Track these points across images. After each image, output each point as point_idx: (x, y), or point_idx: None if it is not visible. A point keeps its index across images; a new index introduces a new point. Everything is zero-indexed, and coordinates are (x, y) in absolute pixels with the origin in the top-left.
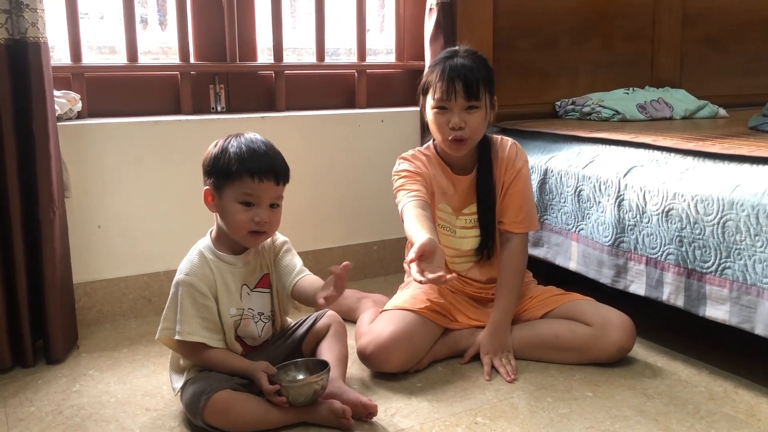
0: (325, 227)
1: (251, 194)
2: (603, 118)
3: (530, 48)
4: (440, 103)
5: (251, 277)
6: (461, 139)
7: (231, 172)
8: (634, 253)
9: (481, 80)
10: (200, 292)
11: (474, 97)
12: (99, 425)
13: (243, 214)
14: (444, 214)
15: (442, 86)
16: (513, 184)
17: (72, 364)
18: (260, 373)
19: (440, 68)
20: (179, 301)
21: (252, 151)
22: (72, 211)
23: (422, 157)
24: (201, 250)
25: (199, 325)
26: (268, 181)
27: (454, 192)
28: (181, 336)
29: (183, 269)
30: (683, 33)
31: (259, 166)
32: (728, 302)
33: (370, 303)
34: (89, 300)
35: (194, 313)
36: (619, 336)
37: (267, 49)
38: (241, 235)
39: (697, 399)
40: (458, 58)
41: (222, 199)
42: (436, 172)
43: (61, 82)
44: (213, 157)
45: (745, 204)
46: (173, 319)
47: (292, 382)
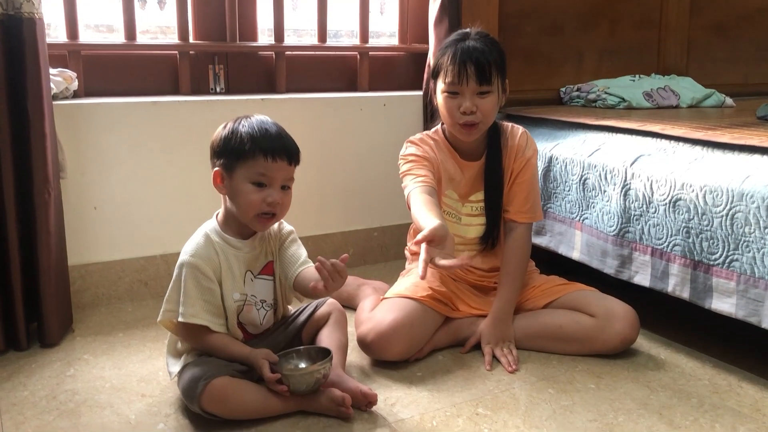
0: (325, 212)
1: (264, 174)
2: (608, 106)
3: (536, 33)
4: (451, 87)
5: (255, 264)
6: (472, 123)
7: (244, 152)
8: (640, 243)
9: (494, 64)
10: (204, 274)
11: (486, 81)
12: (93, 411)
13: (255, 194)
14: (450, 201)
15: (454, 70)
16: (521, 173)
17: (66, 347)
18: (262, 361)
19: (452, 51)
20: (183, 283)
21: (264, 130)
22: (67, 193)
23: (430, 142)
24: (207, 233)
25: (202, 308)
26: (281, 161)
27: (462, 178)
28: (184, 318)
29: (188, 251)
30: (690, 20)
31: (273, 145)
32: (735, 295)
33: (370, 290)
34: (84, 283)
35: (198, 295)
36: (622, 327)
37: (268, 29)
38: (250, 217)
39: (701, 392)
40: (470, 40)
41: (233, 179)
42: (444, 158)
43: (57, 60)
44: (223, 138)
45: (755, 195)
46: (176, 300)
47: (293, 371)
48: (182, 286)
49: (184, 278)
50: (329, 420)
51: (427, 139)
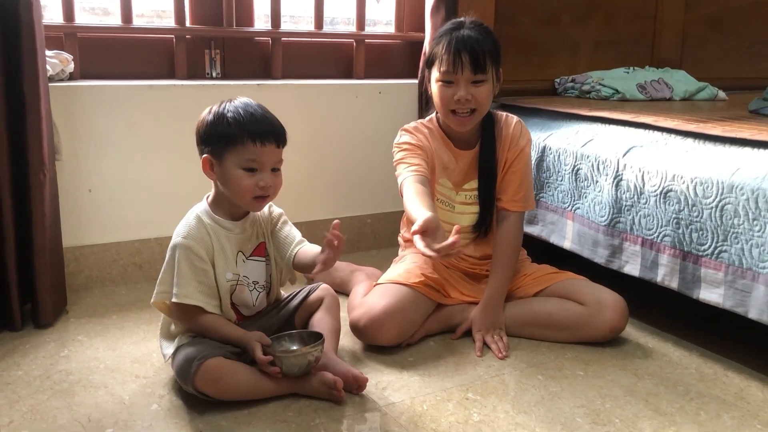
0: (318, 199)
1: (254, 159)
2: (602, 97)
3: (532, 23)
4: (446, 76)
5: (247, 245)
6: (467, 113)
7: (232, 138)
8: (630, 233)
9: (488, 53)
10: (198, 255)
11: (481, 70)
12: (88, 391)
13: (247, 179)
14: (444, 189)
15: (449, 58)
16: (515, 162)
17: (60, 329)
18: (254, 343)
19: (446, 40)
20: (176, 264)
21: (250, 115)
22: (62, 175)
23: (425, 130)
24: (198, 214)
25: (195, 288)
26: (270, 145)
27: (456, 166)
28: (178, 299)
29: (180, 233)
30: (685, 13)
31: (260, 129)
32: (723, 285)
33: (363, 276)
34: (78, 265)
35: (191, 276)
36: (611, 316)
37: (264, 15)
38: (246, 201)
39: (687, 380)
40: (465, 29)
41: (223, 166)
42: (438, 146)
43: (53, 42)
44: (209, 124)
45: (744, 188)
46: (170, 282)
47: (285, 353)
48: (176, 267)
49: (177, 260)
50: (321, 402)
51: (422, 127)
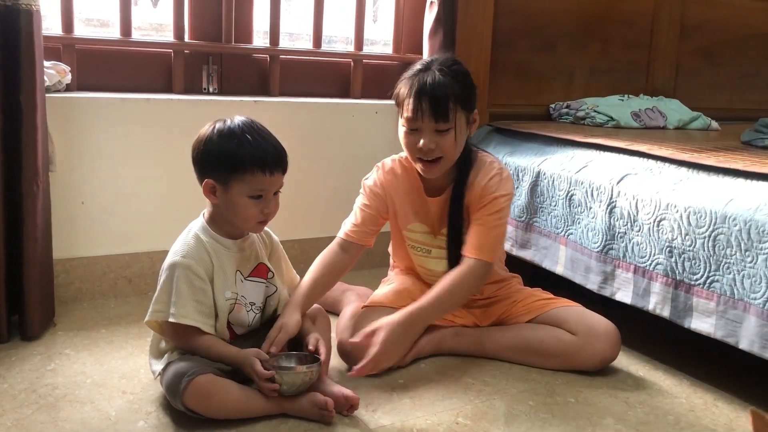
0: (312, 217)
1: (263, 188)
2: (597, 124)
3: (528, 49)
4: (410, 123)
5: (246, 265)
6: (433, 160)
7: (241, 168)
8: (623, 260)
9: (453, 98)
10: (197, 275)
11: (443, 118)
12: (73, 406)
13: (254, 207)
14: (418, 235)
15: (410, 105)
16: (483, 211)
17: (48, 341)
18: (253, 359)
19: (410, 83)
20: (175, 284)
21: (261, 145)
22: (55, 186)
23: (398, 171)
24: (197, 233)
25: (194, 308)
26: (278, 174)
27: (427, 213)
28: (176, 318)
29: (179, 251)
30: (680, 44)
31: (270, 159)
32: (714, 315)
33: (354, 296)
34: (68, 277)
35: (190, 296)
36: (602, 347)
37: (263, 32)
38: (249, 226)
39: (677, 410)
40: (432, 71)
41: (228, 193)
42: (405, 192)
43: (51, 53)
44: (213, 149)
45: (737, 218)
46: (166, 301)
47: (285, 369)
48: (174, 286)
49: (176, 279)
50: (310, 424)
51: (397, 167)
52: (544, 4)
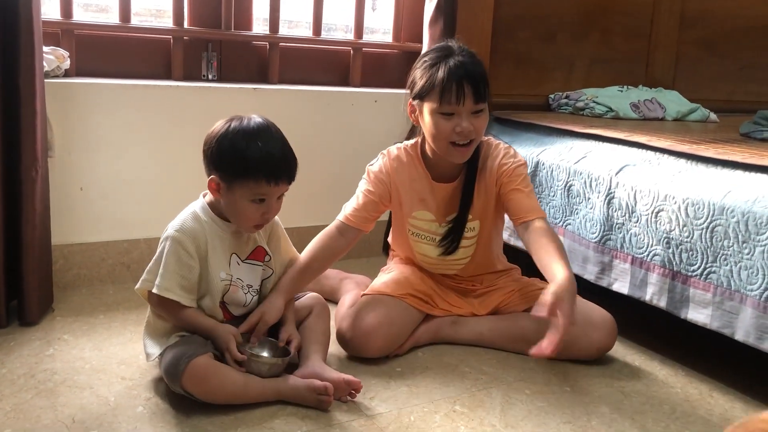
0: (311, 205)
1: (265, 195)
2: (596, 114)
3: (529, 38)
4: (447, 108)
5: (243, 248)
6: (466, 144)
7: (247, 174)
8: (620, 251)
9: (485, 79)
10: (186, 250)
11: (482, 99)
12: (72, 391)
13: (254, 211)
14: (422, 222)
15: (450, 90)
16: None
17: (46, 327)
18: (230, 336)
19: (443, 69)
20: (165, 256)
21: (270, 153)
22: (54, 172)
23: (404, 159)
24: (196, 211)
25: (177, 282)
26: (283, 183)
27: (433, 199)
28: (158, 290)
29: (174, 225)
30: (680, 34)
31: (278, 170)
32: (711, 306)
33: (352, 284)
34: (67, 263)
35: (176, 269)
36: (599, 337)
37: (263, 19)
38: (246, 227)
39: (673, 400)
40: (458, 56)
41: (231, 193)
42: (413, 178)
43: (49, 38)
44: (225, 150)
45: (735, 210)
46: (156, 272)
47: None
48: (163, 258)
49: (166, 251)
50: (308, 411)
51: (402, 155)
52: None
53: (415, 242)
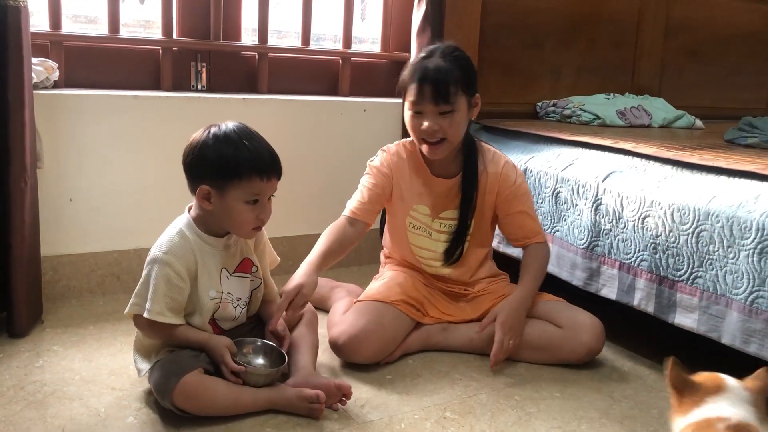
0: (301, 214)
1: (259, 193)
2: (583, 122)
3: (515, 47)
4: (414, 107)
5: (231, 262)
6: (437, 142)
7: (239, 173)
8: (608, 257)
9: (455, 82)
10: (177, 273)
11: (444, 101)
12: (62, 403)
13: (250, 212)
14: (420, 215)
15: (414, 89)
16: (518, 202)
17: (35, 338)
18: (224, 349)
19: (413, 69)
20: (153, 279)
21: (257, 151)
22: (43, 183)
23: (403, 155)
24: (182, 229)
25: (167, 306)
26: (274, 179)
27: (431, 194)
28: (150, 315)
29: (162, 247)
30: (665, 42)
31: (266, 165)
32: (697, 311)
33: (343, 293)
34: (56, 274)
35: (165, 292)
36: (588, 338)
37: (252, 29)
38: (244, 232)
39: (661, 404)
40: (435, 58)
41: (224, 198)
42: (411, 173)
43: (38, 50)
44: (214, 158)
45: (720, 215)
46: (144, 296)
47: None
48: (152, 282)
49: (155, 275)
50: (299, 419)
51: (401, 151)
52: (531, 3)
53: (414, 235)
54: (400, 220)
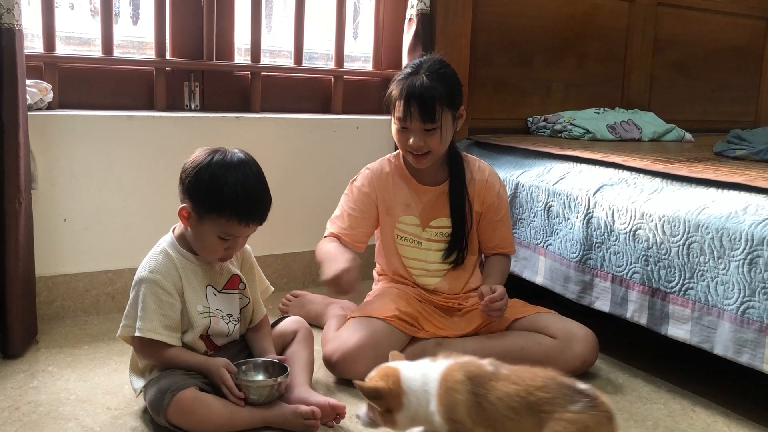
0: (295, 231)
1: (234, 235)
2: (574, 136)
3: (506, 64)
4: (400, 123)
5: (218, 279)
6: (421, 154)
7: (220, 211)
8: (601, 270)
9: (440, 99)
10: (164, 289)
11: (430, 119)
12: (57, 423)
13: (219, 245)
14: (408, 227)
15: (400, 106)
16: (497, 210)
17: (30, 359)
18: (222, 369)
19: (400, 86)
20: (141, 299)
21: (247, 195)
22: (38, 203)
23: (387, 169)
24: (165, 248)
25: (160, 323)
26: (254, 225)
27: (419, 203)
28: (142, 333)
29: (146, 266)
30: (654, 57)
31: (252, 213)
32: (690, 322)
33: (337, 309)
34: (50, 294)
35: (156, 310)
36: (582, 349)
37: (244, 49)
38: (208, 258)
39: (656, 415)
40: (420, 75)
41: (201, 224)
42: (397, 185)
43: (32, 71)
44: (201, 182)
45: (710, 227)
46: (134, 316)
47: (252, 382)
48: (141, 301)
49: (143, 294)
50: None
51: (386, 165)
52: (520, 20)
53: (402, 247)
54: (389, 233)
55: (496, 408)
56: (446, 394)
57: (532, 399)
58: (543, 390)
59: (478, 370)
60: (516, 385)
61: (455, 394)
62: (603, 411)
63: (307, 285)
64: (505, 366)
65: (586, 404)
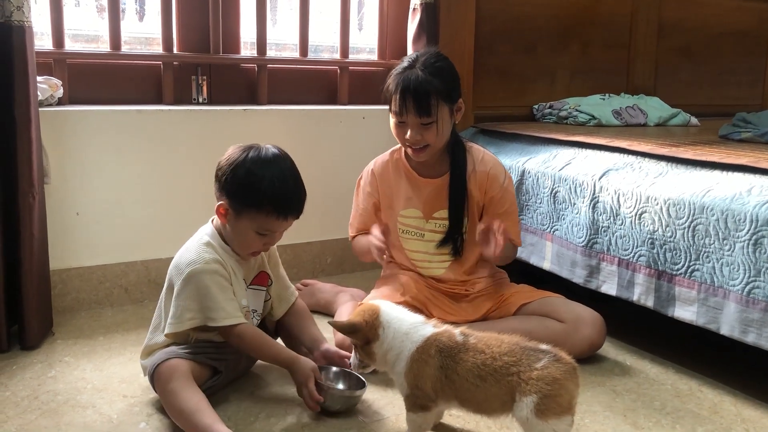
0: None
1: (272, 229)
2: (579, 123)
3: (510, 52)
4: (397, 117)
5: (250, 274)
6: (420, 148)
7: (259, 207)
8: (607, 254)
9: (435, 93)
10: (224, 277)
11: (425, 113)
12: (76, 411)
13: (257, 241)
14: (410, 219)
15: (396, 101)
16: (502, 201)
17: (47, 350)
18: (310, 373)
19: (396, 81)
20: (205, 290)
21: (284, 189)
22: (51, 198)
23: (388, 164)
24: (210, 240)
25: (234, 308)
26: (292, 219)
27: (420, 195)
28: (228, 321)
29: (197, 260)
30: (658, 43)
31: (289, 207)
32: (696, 303)
33: (347, 297)
34: (65, 287)
35: (224, 297)
36: (590, 332)
37: (250, 43)
38: (243, 253)
39: (663, 396)
40: (416, 69)
41: (238, 221)
42: (398, 179)
43: (42, 68)
44: (239, 179)
45: (715, 209)
46: (197, 308)
47: (335, 390)
48: (205, 293)
49: (204, 286)
50: (308, 420)
51: (385, 161)
52: (524, 9)
53: (405, 240)
54: (392, 227)
55: (463, 378)
56: (418, 362)
57: (498, 364)
58: (508, 354)
59: (449, 341)
60: (483, 353)
61: (425, 366)
62: (567, 363)
63: (316, 274)
64: (474, 335)
65: (550, 358)
